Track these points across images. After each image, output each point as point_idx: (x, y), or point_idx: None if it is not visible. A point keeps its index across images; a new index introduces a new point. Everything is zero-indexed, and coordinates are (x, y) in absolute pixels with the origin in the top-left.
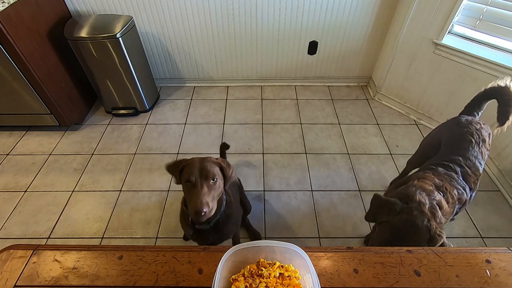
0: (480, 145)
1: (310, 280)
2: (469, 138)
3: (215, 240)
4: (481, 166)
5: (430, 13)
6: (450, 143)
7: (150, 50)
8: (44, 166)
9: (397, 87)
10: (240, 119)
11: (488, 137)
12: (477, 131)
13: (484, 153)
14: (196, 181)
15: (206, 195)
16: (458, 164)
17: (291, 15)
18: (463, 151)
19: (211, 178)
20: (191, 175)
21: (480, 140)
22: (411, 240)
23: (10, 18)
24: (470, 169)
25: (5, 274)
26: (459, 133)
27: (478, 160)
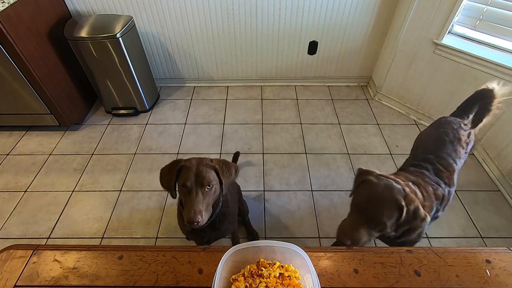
0: (454, 144)
1: (310, 280)
2: (444, 137)
3: (211, 238)
4: (455, 163)
5: (430, 13)
6: (426, 143)
7: (150, 50)
8: (44, 166)
9: (397, 87)
10: (240, 119)
11: (466, 136)
12: (454, 130)
13: (459, 151)
14: (191, 188)
15: (200, 203)
16: (430, 162)
17: (291, 15)
18: (435, 150)
19: (207, 185)
20: (186, 180)
21: (455, 139)
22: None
23: (10, 18)
24: (442, 165)
25: (5, 274)
26: (435, 133)
27: (451, 157)
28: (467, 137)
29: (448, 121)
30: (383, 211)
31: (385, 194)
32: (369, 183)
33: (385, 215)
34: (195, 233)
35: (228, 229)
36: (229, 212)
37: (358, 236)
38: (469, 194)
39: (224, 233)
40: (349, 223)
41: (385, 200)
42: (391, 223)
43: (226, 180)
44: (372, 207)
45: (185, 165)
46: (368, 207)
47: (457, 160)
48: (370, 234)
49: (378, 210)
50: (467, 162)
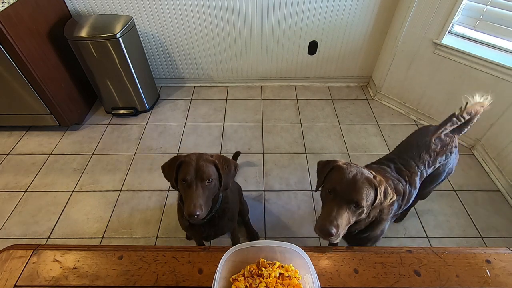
0: (420, 149)
1: (310, 280)
2: (413, 142)
3: (210, 234)
4: (417, 166)
5: (430, 13)
6: (398, 145)
7: (150, 50)
8: (44, 166)
9: (397, 87)
10: (240, 119)
11: (438, 145)
12: (427, 137)
13: (424, 158)
14: (191, 182)
15: (200, 197)
16: (392, 161)
17: (291, 15)
18: (400, 152)
19: (207, 179)
20: (186, 174)
21: (423, 145)
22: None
23: (10, 18)
24: (403, 165)
25: (5, 274)
26: (409, 138)
27: (413, 160)
28: (440, 147)
29: (429, 129)
30: (362, 191)
31: (360, 176)
32: (339, 168)
33: (364, 195)
34: (193, 228)
35: (227, 226)
36: (229, 209)
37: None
38: (469, 194)
39: (223, 230)
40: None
41: (362, 180)
42: (368, 205)
43: (225, 176)
44: (351, 188)
45: (185, 160)
46: (346, 189)
47: (420, 165)
48: (350, 220)
49: (357, 191)
50: (467, 162)
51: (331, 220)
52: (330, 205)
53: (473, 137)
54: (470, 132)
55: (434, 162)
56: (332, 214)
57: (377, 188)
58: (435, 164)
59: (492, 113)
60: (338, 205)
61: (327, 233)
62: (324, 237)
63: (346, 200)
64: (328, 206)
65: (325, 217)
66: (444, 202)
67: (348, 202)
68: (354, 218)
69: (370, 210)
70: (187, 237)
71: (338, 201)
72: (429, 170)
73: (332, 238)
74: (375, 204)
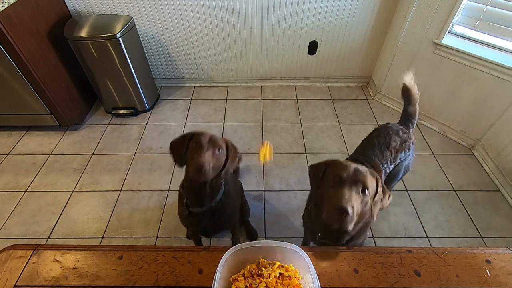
0: (382, 147)
1: (310, 280)
2: (373, 140)
3: (208, 227)
4: (382, 164)
5: (430, 13)
6: (361, 144)
7: (150, 50)
8: (44, 166)
9: (397, 87)
10: (240, 119)
11: (398, 142)
12: (387, 135)
13: (385, 154)
14: (203, 144)
15: (209, 156)
16: (358, 160)
17: (291, 15)
18: (363, 151)
19: (217, 147)
20: (201, 137)
21: (384, 143)
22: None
23: (10, 18)
24: (370, 163)
25: (5, 274)
26: (369, 137)
27: (378, 158)
28: (399, 143)
29: (388, 127)
30: (368, 177)
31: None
32: (337, 162)
33: (369, 182)
34: (192, 217)
35: (228, 221)
36: (230, 204)
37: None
38: (469, 194)
39: (223, 225)
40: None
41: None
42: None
43: (231, 159)
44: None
45: (198, 132)
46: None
47: (384, 162)
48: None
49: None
50: (467, 162)
51: (346, 199)
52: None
53: (473, 137)
54: (470, 132)
55: (395, 159)
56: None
57: (378, 180)
58: (395, 160)
59: (492, 113)
60: (348, 188)
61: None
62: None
63: (354, 182)
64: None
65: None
66: (444, 202)
67: (356, 185)
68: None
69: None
70: (187, 236)
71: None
72: (391, 167)
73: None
74: (375, 199)
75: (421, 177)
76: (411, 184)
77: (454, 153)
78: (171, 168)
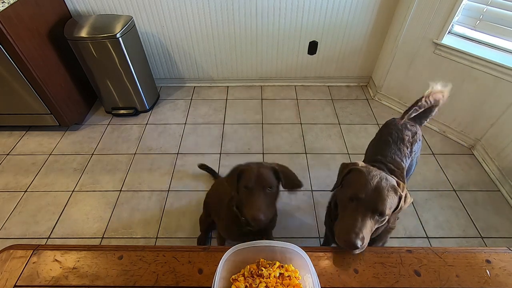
0: (398, 143)
1: (310, 280)
2: (387, 138)
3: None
4: (402, 161)
5: (430, 13)
6: (374, 144)
7: (150, 50)
8: (44, 166)
9: (397, 87)
10: (240, 119)
11: (410, 135)
12: (398, 131)
13: (403, 150)
14: (252, 188)
15: (263, 202)
16: (381, 162)
17: (291, 15)
18: (382, 151)
19: (268, 186)
20: (248, 181)
21: (398, 139)
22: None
23: (10, 18)
24: (393, 164)
25: (5, 274)
26: (380, 134)
27: (397, 156)
28: (411, 136)
29: (395, 122)
30: (387, 200)
31: (385, 183)
32: (359, 172)
33: (389, 204)
34: (244, 236)
35: (272, 227)
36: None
37: (367, 232)
38: (469, 194)
39: (269, 231)
40: (352, 221)
41: (388, 188)
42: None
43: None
44: (377, 197)
45: (246, 169)
46: (371, 198)
47: (403, 159)
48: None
49: (382, 200)
50: (467, 162)
51: (356, 232)
52: (353, 215)
53: (473, 137)
54: (470, 132)
55: (411, 152)
56: (357, 225)
57: (401, 196)
58: (411, 154)
59: (492, 113)
60: (362, 215)
61: (352, 246)
62: (348, 249)
63: (371, 209)
64: (351, 216)
65: (350, 229)
66: (444, 202)
67: (373, 212)
68: (376, 226)
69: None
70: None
71: (363, 210)
72: (408, 161)
73: (356, 251)
74: (396, 211)
75: (421, 177)
76: (411, 184)
77: (454, 153)
78: (171, 168)
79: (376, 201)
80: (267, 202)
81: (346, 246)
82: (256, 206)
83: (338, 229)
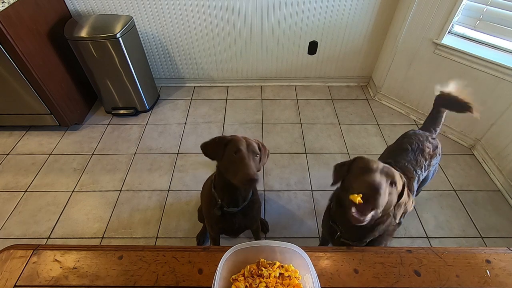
0: (416, 153)
1: (310, 280)
2: (406, 146)
3: (240, 226)
4: (415, 170)
5: (430, 13)
6: (390, 151)
7: (150, 50)
8: (44, 166)
9: (397, 87)
10: (240, 119)
11: (432, 149)
12: (419, 142)
13: (420, 161)
14: (244, 153)
15: (254, 165)
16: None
17: (291, 15)
18: (395, 156)
19: (256, 153)
20: (240, 146)
21: (417, 149)
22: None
23: (10, 18)
24: (402, 169)
25: (5, 274)
26: (399, 142)
27: (410, 164)
28: (432, 150)
29: (416, 133)
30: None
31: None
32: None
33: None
34: (225, 217)
35: (255, 217)
36: (257, 200)
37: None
38: (469, 194)
39: (252, 221)
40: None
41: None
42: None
43: (263, 157)
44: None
45: (234, 138)
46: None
47: (417, 169)
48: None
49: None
50: (467, 162)
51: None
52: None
53: (473, 137)
54: (470, 132)
55: (429, 165)
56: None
57: (404, 183)
58: (429, 167)
59: (492, 113)
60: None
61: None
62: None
63: (385, 173)
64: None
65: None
66: (444, 202)
67: (387, 176)
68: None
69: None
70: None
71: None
72: (424, 173)
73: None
74: (400, 201)
75: None
76: None
77: (454, 153)
78: (171, 168)
79: (388, 170)
80: (256, 164)
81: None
82: (250, 166)
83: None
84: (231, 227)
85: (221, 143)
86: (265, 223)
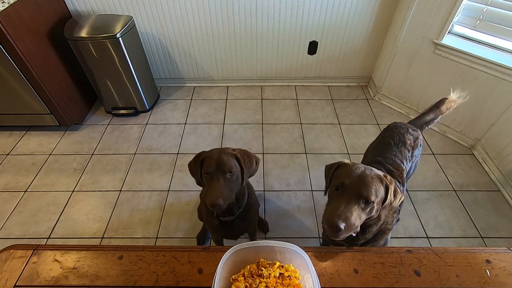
0: (399, 146)
1: (310, 280)
2: (389, 140)
3: (240, 229)
4: (402, 163)
5: (430, 13)
6: (374, 147)
7: (150, 50)
8: (44, 166)
9: (397, 87)
10: (240, 119)
11: (412, 140)
12: (400, 134)
13: (404, 153)
14: (213, 174)
15: (222, 188)
16: (380, 163)
17: (291, 15)
18: (383, 152)
19: (228, 171)
20: (209, 167)
21: (399, 142)
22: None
23: (10, 18)
24: (392, 165)
25: (5, 274)
26: (382, 137)
27: (397, 158)
28: (413, 141)
29: (397, 126)
30: (371, 186)
31: (370, 172)
32: (346, 165)
33: (373, 190)
34: (225, 226)
35: (253, 220)
36: (253, 204)
37: (351, 216)
38: (469, 194)
39: (250, 224)
40: (336, 205)
41: (372, 176)
42: (378, 202)
43: (247, 169)
44: (360, 182)
45: (207, 155)
46: (355, 183)
47: (404, 161)
48: (360, 217)
49: (366, 185)
50: (467, 162)
51: (339, 214)
52: (338, 200)
53: (473, 137)
54: (470, 132)
55: (412, 156)
56: (340, 209)
57: (388, 186)
58: (412, 158)
59: (492, 113)
60: (346, 200)
61: (335, 227)
62: (332, 233)
63: (355, 195)
64: (336, 201)
65: (333, 211)
66: (444, 202)
67: (357, 198)
68: (364, 215)
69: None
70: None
71: (347, 196)
72: (409, 165)
73: (340, 234)
74: (385, 204)
75: (421, 177)
76: (411, 184)
77: (454, 153)
78: (171, 168)
79: (359, 186)
80: (228, 186)
81: (329, 228)
82: (214, 191)
83: (324, 216)
84: (231, 233)
85: (197, 161)
86: (265, 223)
